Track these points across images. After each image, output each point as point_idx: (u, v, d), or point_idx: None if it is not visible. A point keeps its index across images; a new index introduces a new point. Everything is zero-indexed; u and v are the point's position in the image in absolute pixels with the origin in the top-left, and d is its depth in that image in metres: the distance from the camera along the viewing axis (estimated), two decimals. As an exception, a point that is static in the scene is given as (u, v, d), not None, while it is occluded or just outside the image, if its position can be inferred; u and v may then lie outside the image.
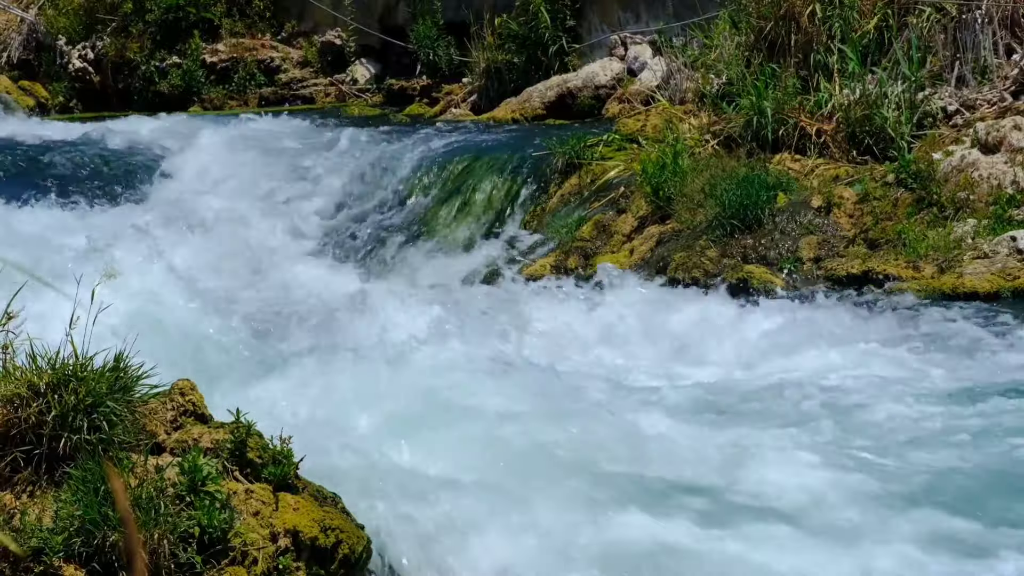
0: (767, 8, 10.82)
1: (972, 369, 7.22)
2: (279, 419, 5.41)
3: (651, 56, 12.85)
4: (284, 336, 8.29)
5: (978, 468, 5.85)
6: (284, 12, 16.33)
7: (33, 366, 4.87)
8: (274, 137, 13.08)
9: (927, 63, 10.15)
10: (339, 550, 5.02)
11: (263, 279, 10.47)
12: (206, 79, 15.74)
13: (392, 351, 6.94)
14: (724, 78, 10.94)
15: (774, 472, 5.80)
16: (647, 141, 10.82)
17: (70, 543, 4.58)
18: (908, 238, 8.61)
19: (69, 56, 16.09)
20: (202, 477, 4.79)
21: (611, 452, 5.92)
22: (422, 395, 6.39)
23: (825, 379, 7.11)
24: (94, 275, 5.28)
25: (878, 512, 5.50)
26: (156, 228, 10.74)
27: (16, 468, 4.80)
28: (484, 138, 12.28)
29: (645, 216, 9.84)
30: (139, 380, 5.02)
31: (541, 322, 8.43)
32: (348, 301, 8.59)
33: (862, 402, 6.76)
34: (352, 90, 15.47)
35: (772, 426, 6.49)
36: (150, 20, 15.87)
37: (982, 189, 8.80)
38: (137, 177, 12.37)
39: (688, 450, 6.06)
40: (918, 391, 6.90)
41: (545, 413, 6.30)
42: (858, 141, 9.79)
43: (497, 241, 10.65)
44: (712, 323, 8.15)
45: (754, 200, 9.03)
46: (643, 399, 6.93)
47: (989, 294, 8.07)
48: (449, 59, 14.81)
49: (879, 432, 6.38)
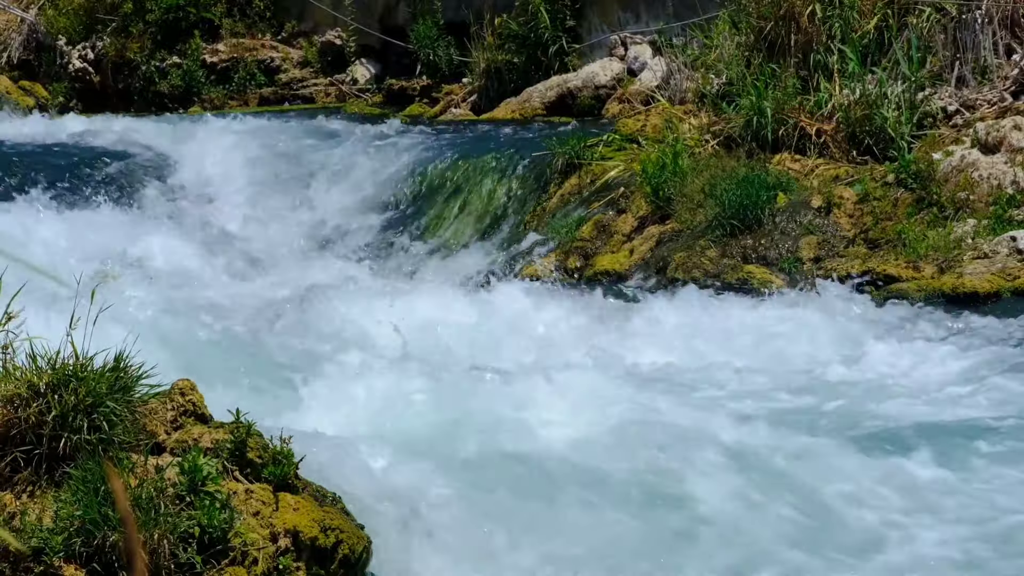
0: (767, 8, 10.81)
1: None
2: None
3: (651, 56, 12.85)
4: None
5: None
6: (284, 12, 16.32)
7: (33, 366, 4.87)
8: (274, 137, 13.06)
9: (927, 63, 10.15)
10: (339, 550, 5.02)
11: (268, 278, 10.50)
12: (206, 79, 15.72)
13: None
14: (724, 78, 10.94)
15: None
16: (647, 141, 10.82)
17: (70, 543, 4.58)
18: (908, 238, 8.61)
19: (69, 56, 16.09)
20: (202, 477, 4.79)
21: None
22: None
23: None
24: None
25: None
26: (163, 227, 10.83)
27: (16, 468, 4.80)
28: (484, 138, 12.27)
29: (645, 216, 9.84)
30: (139, 380, 5.02)
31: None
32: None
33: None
34: (352, 90, 15.47)
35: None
36: (150, 20, 15.86)
37: (982, 189, 8.80)
38: (146, 176, 12.38)
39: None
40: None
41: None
42: (858, 141, 9.79)
43: (497, 241, 10.64)
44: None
45: (754, 200, 9.03)
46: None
47: (989, 294, 8.07)
48: (449, 59, 14.80)
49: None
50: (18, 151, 12.48)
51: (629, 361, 7.69)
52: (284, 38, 16.23)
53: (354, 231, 11.49)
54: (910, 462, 6.04)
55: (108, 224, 11.00)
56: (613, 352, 7.80)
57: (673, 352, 7.87)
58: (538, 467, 5.85)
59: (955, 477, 5.91)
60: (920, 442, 6.20)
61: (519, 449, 5.97)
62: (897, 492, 5.76)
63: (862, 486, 5.80)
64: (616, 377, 7.16)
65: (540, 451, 5.97)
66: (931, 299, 8.13)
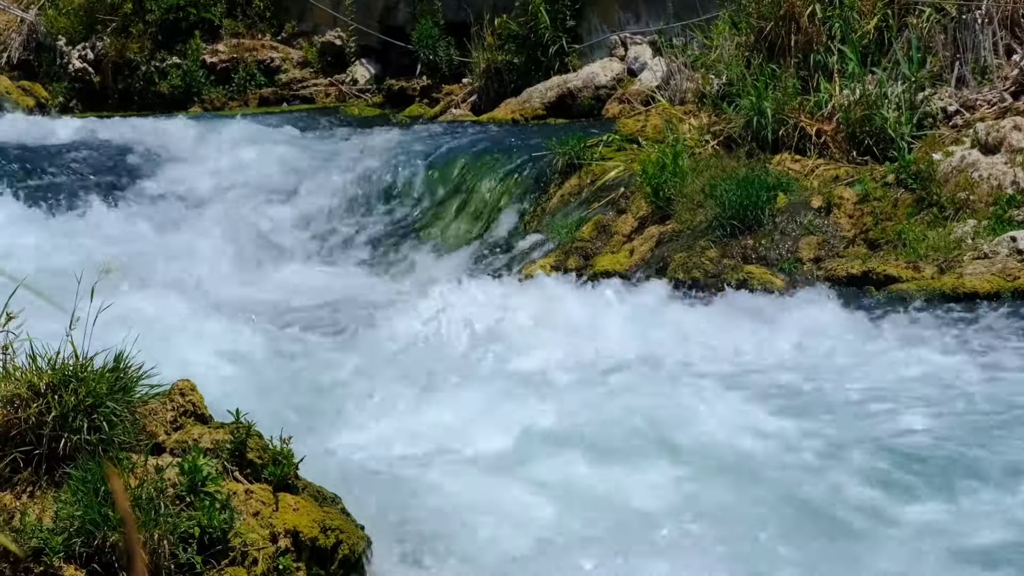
0: (767, 8, 10.82)
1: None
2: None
3: (651, 56, 12.85)
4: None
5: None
6: (284, 12, 16.32)
7: (33, 366, 4.87)
8: (273, 137, 13.07)
9: (927, 63, 10.15)
10: (339, 550, 5.03)
11: (269, 278, 10.52)
12: (206, 79, 15.73)
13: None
14: (724, 78, 10.94)
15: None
16: (647, 141, 10.82)
17: (70, 543, 4.58)
18: (908, 238, 8.61)
19: (69, 56, 16.09)
20: (202, 477, 4.79)
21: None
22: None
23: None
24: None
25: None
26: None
27: (16, 468, 4.80)
28: (484, 138, 12.27)
29: (645, 216, 9.84)
30: (139, 380, 5.02)
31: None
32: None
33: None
34: (352, 90, 15.47)
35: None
36: (150, 20, 15.86)
37: (982, 189, 8.80)
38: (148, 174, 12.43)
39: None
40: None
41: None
42: (858, 141, 9.79)
43: (496, 241, 10.64)
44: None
45: (754, 200, 9.03)
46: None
47: (989, 294, 8.07)
48: (449, 59, 14.80)
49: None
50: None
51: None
52: (284, 38, 16.24)
53: (354, 231, 11.48)
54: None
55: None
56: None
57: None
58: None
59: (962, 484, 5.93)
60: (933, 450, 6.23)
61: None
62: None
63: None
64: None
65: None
66: (931, 299, 8.13)
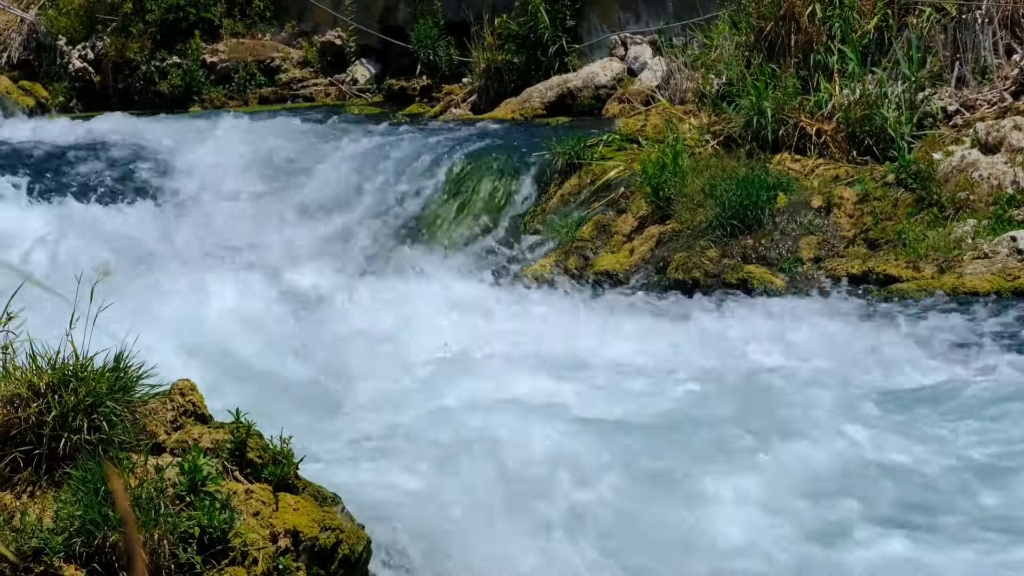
0: (767, 8, 10.81)
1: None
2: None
3: (651, 56, 12.84)
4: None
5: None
6: (284, 12, 16.31)
7: (33, 366, 4.87)
8: (274, 137, 13.06)
9: (927, 63, 10.14)
10: (339, 550, 5.02)
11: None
12: (206, 79, 15.72)
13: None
14: (724, 78, 10.93)
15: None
16: (647, 141, 10.82)
17: (70, 543, 4.58)
18: (908, 238, 8.61)
19: (69, 56, 16.08)
20: (202, 477, 4.79)
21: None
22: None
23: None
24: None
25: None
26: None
27: (16, 468, 4.80)
28: (484, 138, 12.26)
29: (645, 216, 9.84)
30: (139, 380, 5.02)
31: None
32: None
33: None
34: (352, 90, 15.46)
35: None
36: (150, 20, 15.85)
37: (982, 189, 8.80)
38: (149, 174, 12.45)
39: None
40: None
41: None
42: (858, 141, 9.79)
43: (497, 241, 10.63)
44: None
45: (754, 200, 9.03)
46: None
47: (989, 294, 8.06)
48: (449, 59, 14.80)
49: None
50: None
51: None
52: (284, 38, 16.22)
53: (354, 232, 11.48)
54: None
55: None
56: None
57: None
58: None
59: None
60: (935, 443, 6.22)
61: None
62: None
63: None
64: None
65: None
66: (931, 299, 8.12)
